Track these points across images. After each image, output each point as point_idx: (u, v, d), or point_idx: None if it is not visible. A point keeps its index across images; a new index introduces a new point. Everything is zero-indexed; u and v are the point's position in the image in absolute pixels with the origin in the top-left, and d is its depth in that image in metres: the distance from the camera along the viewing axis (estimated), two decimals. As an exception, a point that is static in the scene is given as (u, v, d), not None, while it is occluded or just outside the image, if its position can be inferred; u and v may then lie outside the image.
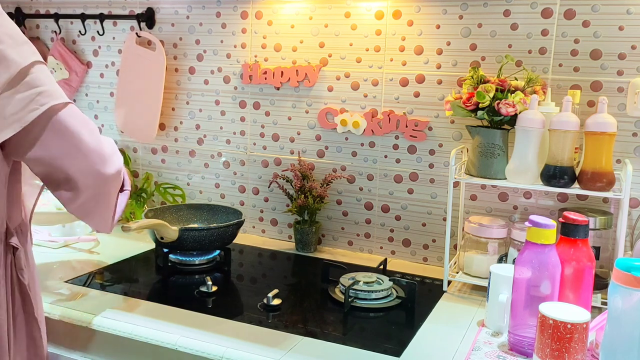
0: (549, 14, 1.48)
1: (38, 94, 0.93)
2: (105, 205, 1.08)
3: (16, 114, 0.91)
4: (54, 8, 2.10)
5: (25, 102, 0.92)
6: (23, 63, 0.92)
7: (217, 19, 1.86)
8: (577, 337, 0.99)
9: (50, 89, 0.95)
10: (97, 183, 1.02)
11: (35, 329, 1.08)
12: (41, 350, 1.09)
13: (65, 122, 0.96)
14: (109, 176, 1.03)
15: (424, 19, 1.60)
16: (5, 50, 0.91)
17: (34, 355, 1.08)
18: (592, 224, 1.36)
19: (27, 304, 1.06)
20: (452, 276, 1.48)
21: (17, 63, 0.91)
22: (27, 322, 1.07)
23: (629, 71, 1.43)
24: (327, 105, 1.75)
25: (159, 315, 1.28)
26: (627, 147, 1.45)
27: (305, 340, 1.18)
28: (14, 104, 0.91)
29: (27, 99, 0.92)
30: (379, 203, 1.73)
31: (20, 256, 1.04)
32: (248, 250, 1.78)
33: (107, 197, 1.07)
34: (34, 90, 0.92)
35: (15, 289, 1.04)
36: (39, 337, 1.08)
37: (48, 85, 0.95)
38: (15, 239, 1.03)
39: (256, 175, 1.89)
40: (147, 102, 1.94)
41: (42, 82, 0.94)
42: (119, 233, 1.81)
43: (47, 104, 0.93)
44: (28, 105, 0.92)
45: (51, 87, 0.95)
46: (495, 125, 1.44)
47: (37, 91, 0.93)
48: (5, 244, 1.02)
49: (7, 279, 1.02)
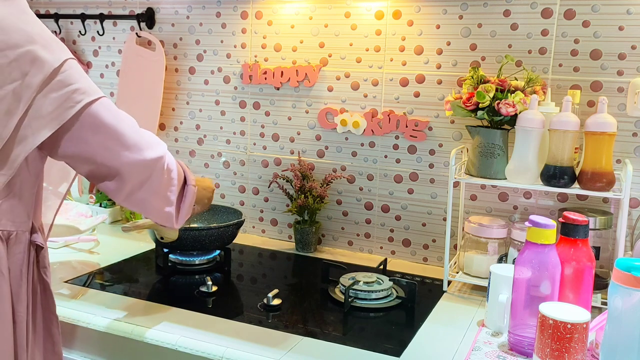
0: (549, 14, 1.48)
1: (73, 92, 0.94)
2: (155, 193, 1.07)
3: (53, 113, 0.93)
4: (54, 8, 2.10)
5: (60, 100, 0.93)
6: (55, 62, 0.93)
7: (217, 19, 1.86)
8: (577, 337, 0.99)
9: (84, 86, 0.96)
10: (140, 170, 1.02)
11: (54, 327, 1.09)
12: (59, 347, 1.10)
13: (101, 116, 0.97)
14: (150, 161, 1.03)
15: (424, 19, 1.61)
16: (37, 51, 0.92)
17: (52, 352, 1.09)
18: (592, 224, 1.36)
19: (49, 301, 1.08)
20: (452, 276, 1.48)
21: (49, 63, 0.92)
22: (46, 319, 1.08)
23: (629, 71, 1.43)
24: (327, 105, 1.75)
25: (159, 315, 1.28)
26: (627, 147, 1.45)
27: (305, 340, 1.18)
28: (50, 103, 0.92)
29: (62, 97, 0.93)
30: (379, 203, 1.73)
31: (44, 255, 1.06)
32: (248, 250, 1.78)
33: (153, 184, 1.05)
34: (69, 88, 0.94)
35: (38, 287, 1.05)
36: (57, 334, 1.10)
37: (81, 82, 0.96)
38: (40, 238, 1.05)
39: (256, 175, 1.89)
40: (147, 102, 1.94)
41: (75, 79, 0.95)
42: (119, 233, 1.82)
43: (82, 101, 0.94)
44: (64, 104, 0.93)
45: (85, 83, 0.96)
46: (495, 125, 1.44)
47: (71, 89, 0.94)
48: (30, 242, 1.03)
49: (30, 277, 1.03)
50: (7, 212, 0.97)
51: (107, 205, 1.94)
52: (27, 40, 0.92)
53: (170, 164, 1.08)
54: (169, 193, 1.10)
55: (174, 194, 1.11)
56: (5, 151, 0.93)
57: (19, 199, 0.99)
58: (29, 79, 0.91)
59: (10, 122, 0.92)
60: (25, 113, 0.92)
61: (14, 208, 0.99)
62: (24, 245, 1.01)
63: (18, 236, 1.00)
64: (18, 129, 0.92)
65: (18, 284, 1.00)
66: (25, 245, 1.02)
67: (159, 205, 1.09)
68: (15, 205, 0.99)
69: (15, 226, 0.99)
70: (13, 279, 1.00)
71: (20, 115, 0.92)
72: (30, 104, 0.92)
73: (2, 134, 0.92)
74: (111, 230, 1.89)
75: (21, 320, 1.01)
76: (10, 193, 0.97)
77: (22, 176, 0.98)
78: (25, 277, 1.02)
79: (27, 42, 0.92)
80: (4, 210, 0.97)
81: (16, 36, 0.92)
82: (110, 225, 1.94)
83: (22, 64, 0.91)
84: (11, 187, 0.97)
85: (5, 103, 0.91)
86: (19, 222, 1.00)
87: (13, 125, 0.92)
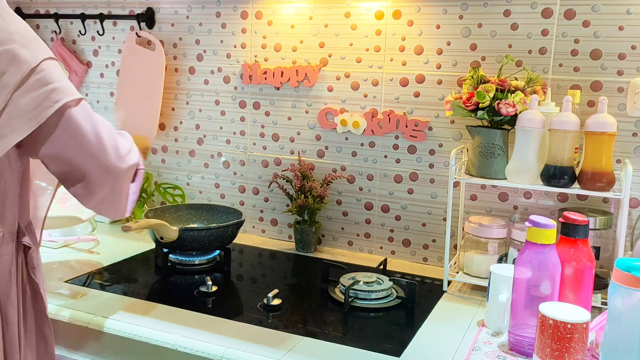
0: (549, 14, 1.48)
1: (51, 91, 0.93)
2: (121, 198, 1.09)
3: (31, 112, 0.92)
4: (54, 8, 2.09)
5: (39, 99, 0.92)
6: (34, 61, 0.92)
7: (217, 19, 1.86)
8: (577, 337, 0.99)
9: (62, 86, 0.95)
10: (113, 178, 1.03)
11: (46, 327, 1.09)
12: (51, 347, 1.10)
13: (78, 119, 0.96)
14: (123, 171, 1.04)
15: (424, 19, 1.60)
16: (16, 50, 0.91)
17: (45, 353, 1.09)
18: (592, 224, 1.36)
19: (39, 302, 1.07)
20: (452, 276, 1.48)
21: (28, 62, 0.92)
22: (38, 320, 1.08)
23: (629, 71, 1.43)
24: (327, 105, 1.75)
25: (159, 315, 1.28)
26: (627, 147, 1.45)
27: (305, 340, 1.18)
28: (28, 103, 0.91)
29: (41, 96, 0.92)
30: (379, 203, 1.73)
31: (32, 255, 1.05)
32: (248, 250, 1.78)
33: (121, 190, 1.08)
34: (47, 87, 0.93)
35: (27, 288, 1.05)
36: (49, 334, 1.09)
37: (60, 82, 0.95)
38: (27, 238, 1.04)
39: (256, 175, 1.89)
40: (146, 102, 1.94)
41: (54, 79, 0.94)
42: (119, 233, 1.82)
43: (61, 101, 0.93)
44: (42, 103, 0.92)
45: (63, 83, 0.95)
46: (495, 125, 1.44)
47: (50, 88, 0.93)
48: (17, 243, 1.02)
49: (19, 278, 1.02)
50: None
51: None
52: (6, 39, 0.91)
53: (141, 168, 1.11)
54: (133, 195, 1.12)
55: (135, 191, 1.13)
56: None
57: (4, 200, 0.98)
58: (6, 78, 0.90)
59: None
60: (2, 112, 0.91)
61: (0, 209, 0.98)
62: (12, 246, 1.01)
63: (5, 237, 1.00)
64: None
65: (7, 285, 1.00)
66: (13, 246, 1.01)
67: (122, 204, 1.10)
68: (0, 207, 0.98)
69: (2, 227, 0.99)
70: (2, 280, 0.99)
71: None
72: (7, 102, 0.91)
73: None
74: (111, 230, 1.89)
75: (12, 321, 1.00)
76: None
77: (6, 176, 0.98)
78: (14, 278, 1.01)
79: (6, 41, 0.91)
80: None
81: None
82: (110, 225, 1.94)
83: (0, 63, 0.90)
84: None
85: None
86: (5, 223, 0.99)
87: None
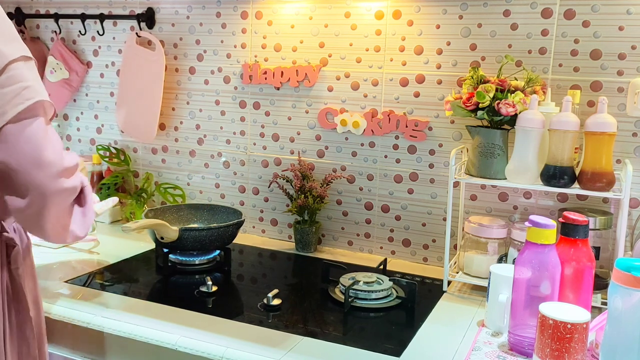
0: (549, 14, 1.48)
1: (24, 89, 0.91)
2: (58, 220, 1.02)
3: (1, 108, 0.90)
4: (54, 8, 2.10)
5: (10, 96, 0.90)
6: (11, 57, 0.91)
7: (217, 19, 1.86)
8: (577, 337, 1.00)
9: (35, 85, 0.93)
10: (46, 196, 0.96)
11: (28, 329, 1.07)
12: (34, 350, 1.09)
13: (39, 126, 0.93)
14: (59, 191, 0.97)
15: (424, 19, 1.60)
16: None
17: (27, 355, 1.08)
18: (592, 224, 1.36)
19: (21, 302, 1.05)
20: (452, 276, 1.48)
21: (5, 56, 0.91)
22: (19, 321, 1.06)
23: (629, 71, 1.43)
24: (327, 105, 1.75)
25: (159, 315, 1.28)
26: (627, 147, 1.45)
27: (305, 340, 1.18)
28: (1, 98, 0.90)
29: (12, 92, 0.90)
30: (379, 203, 1.73)
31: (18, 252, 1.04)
32: (248, 250, 1.78)
33: (50, 211, 0.99)
34: (20, 84, 0.91)
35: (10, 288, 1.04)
36: (31, 337, 1.07)
37: (33, 82, 0.93)
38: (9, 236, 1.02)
39: (256, 175, 1.89)
40: (147, 102, 1.94)
41: (27, 78, 0.92)
42: (119, 233, 1.82)
43: (33, 99, 0.92)
44: (13, 100, 0.90)
45: (37, 83, 0.94)
46: (495, 125, 1.44)
47: (23, 85, 0.91)
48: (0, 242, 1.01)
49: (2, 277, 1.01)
50: None
51: (107, 205, 1.94)
52: None
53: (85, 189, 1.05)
54: (70, 219, 1.05)
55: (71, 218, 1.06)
56: None
57: None
58: None
59: None
60: None
61: None
62: None
63: None
64: None
65: None
66: None
67: (58, 231, 1.04)
68: None
69: None
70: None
71: None
72: None
73: None
74: (111, 230, 1.89)
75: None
76: None
77: None
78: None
79: None
80: None
81: None
82: (110, 225, 1.94)
83: None
84: None
85: None
86: None
87: None
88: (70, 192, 1.00)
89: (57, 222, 1.02)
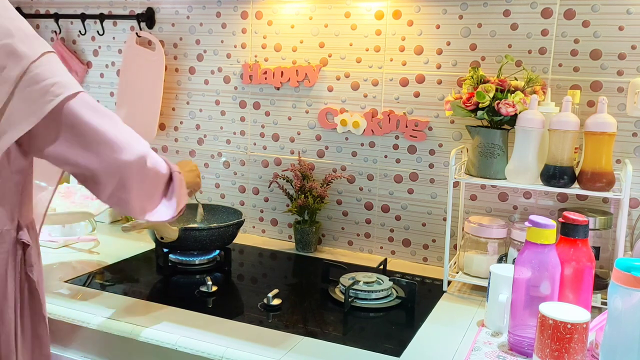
0: (549, 14, 1.48)
1: (52, 85, 0.91)
2: (138, 193, 1.04)
3: (31, 107, 0.90)
4: (54, 8, 2.10)
5: (39, 94, 0.91)
6: (33, 56, 0.91)
7: (218, 19, 1.86)
8: (577, 337, 1.00)
9: (63, 80, 0.93)
10: (121, 171, 0.99)
11: (42, 328, 1.08)
12: (47, 349, 1.09)
13: (80, 114, 0.94)
14: (129, 162, 0.99)
15: (424, 19, 1.60)
16: (15, 44, 0.90)
17: (39, 354, 1.08)
18: (592, 224, 1.36)
19: (35, 301, 1.06)
20: (452, 276, 1.48)
21: (27, 56, 0.91)
22: (34, 321, 1.07)
23: (629, 71, 1.43)
24: (327, 105, 1.75)
25: (159, 315, 1.28)
26: (627, 147, 1.45)
27: (305, 340, 1.18)
28: (28, 97, 0.90)
29: (41, 91, 0.91)
30: (379, 203, 1.73)
31: (31, 253, 1.04)
32: (248, 250, 1.78)
33: (132, 184, 1.02)
34: (47, 81, 0.91)
35: (25, 286, 1.04)
36: (45, 335, 1.08)
37: (60, 76, 0.93)
38: (27, 236, 1.03)
39: (256, 175, 1.89)
40: (147, 102, 1.94)
41: (54, 73, 0.93)
42: (119, 233, 1.82)
43: (62, 95, 0.92)
44: (43, 97, 0.91)
45: (64, 77, 0.94)
46: (495, 125, 1.44)
47: (50, 82, 0.91)
48: (16, 240, 1.02)
49: (17, 276, 1.02)
50: None
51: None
52: (4, 34, 0.90)
53: (154, 161, 1.06)
54: (154, 191, 1.08)
55: (159, 190, 1.09)
56: None
57: (1, 198, 0.97)
58: (6, 73, 0.89)
59: None
60: (4, 108, 0.90)
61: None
62: (9, 244, 1.00)
63: (2, 235, 0.99)
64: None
65: (3, 283, 0.99)
66: (10, 244, 1.00)
67: (143, 204, 1.06)
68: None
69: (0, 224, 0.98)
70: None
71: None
72: (9, 98, 0.89)
73: None
74: (111, 230, 1.89)
75: (9, 321, 0.99)
76: None
77: (3, 175, 0.96)
78: (12, 277, 1.00)
79: (4, 36, 0.90)
80: None
81: None
82: (110, 225, 1.94)
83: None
84: None
85: None
86: (2, 221, 0.98)
87: None
88: (138, 161, 1.02)
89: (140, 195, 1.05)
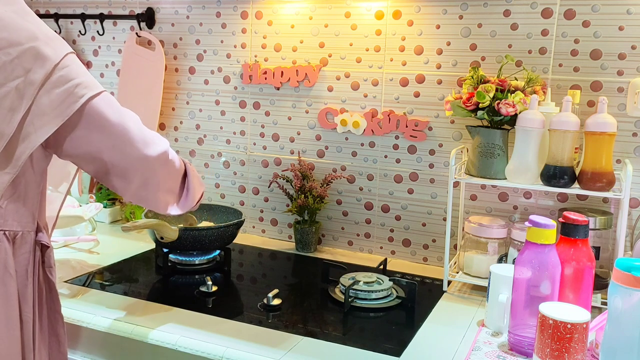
0: (549, 14, 1.48)
1: (76, 86, 0.94)
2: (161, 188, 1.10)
3: (56, 109, 0.93)
4: (54, 8, 2.10)
5: (64, 95, 0.93)
6: (57, 58, 0.94)
7: (217, 19, 1.86)
8: (577, 337, 1.00)
9: (86, 80, 0.96)
10: (146, 167, 1.04)
11: (60, 327, 1.09)
12: (64, 347, 1.10)
13: (104, 113, 0.98)
14: (155, 157, 1.05)
15: (424, 19, 1.60)
16: (39, 47, 0.93)
17: (57, 352, 1.09)
18: (592, 224, 1.36)
19: (54, 301, 1.07)
20: (452, 276, 1.48)
21: (51, 59, 0.93)
22: (52, 320, 1.08)
23: (629, 71, 1.43)
24: (327, 105, 1.75)
25: (159, 315, 1.28)
26: (627, 147, 1.45)
27: (305, 340, 1.18)
28: (53, 99, 0.93)
29: (65, 92, 0.93)
30: (379, 203, 1.73)
31: (50, 254, 1.06)
32: (248, 250, 1.78)
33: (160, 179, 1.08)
34: (71, 83, 0.94)
35: (43, 286, 1.05)
36: (62, 334, 1.09)
37: (83, 76, 0.96)
38: (45, 237, 1.04)
39: (256, 175, 1.89)
40: (147, 102, 1.94)
41: (77, 74, 0.95)
42: (119, 233, 1.82)
43: (85, 95, 0.95)
44: (67, 99, 0.93)
45: (86, 77, 0.97)
46: (495, 125, 1.44)
47: (74, 83, 0.94)
48: (35, 242, 1.03)
49: (35, 277, 1.03)
50: (13, 212, 0.97)
51: (107, 205, 1.94)
52: (29, 38, 0.93)
53: (173, 155, 1.11)
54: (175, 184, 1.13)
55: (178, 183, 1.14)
56: (9, 149, 0.93)
57: (25, 199, 0.99)
58: (31, 76, 0.92)
59: (14, 119, 0.92)
60: (29, 110, 0.92)
61: (20, 208, 0.99)
62: (30, 245, 1.01)
63: (24, 236, 1.00)
64: (22, 126, 0.92)
65: (24, 284, 1.00)
66: (30, 245, 1.02)
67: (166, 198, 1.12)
68: (20, 205, 0.99)
69: (21, 226, 0.99)
70: (19, 279, 0.99)
71: (23, 112, 0.92)
72: (33, 100, 0.92)
73: (6, 131, 0.92)
74: (111, 230, 1.89)
75: (27, 320, 1.01)
76: (15, 193, 0.97)
77: (27, 176, 0.98)
78: (31, 277, 1.01)
79: (29, 39, 0.93)
80: (9, 210, 0.97)
81: (19, 34, 0.92)
82: (110, 225, 1.94)
83: (24, 61, 0.92)
84: (16, 187, 0.97)
85: (8, 100, 0.92)
86: (24, 222, 1.00)
87: (17, 123, 0.92)
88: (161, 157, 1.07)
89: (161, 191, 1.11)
